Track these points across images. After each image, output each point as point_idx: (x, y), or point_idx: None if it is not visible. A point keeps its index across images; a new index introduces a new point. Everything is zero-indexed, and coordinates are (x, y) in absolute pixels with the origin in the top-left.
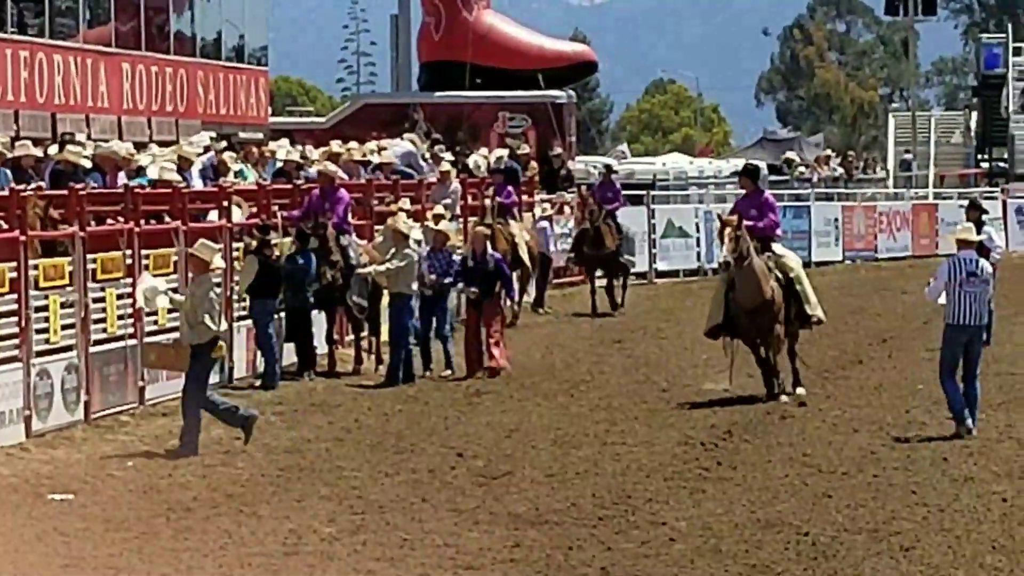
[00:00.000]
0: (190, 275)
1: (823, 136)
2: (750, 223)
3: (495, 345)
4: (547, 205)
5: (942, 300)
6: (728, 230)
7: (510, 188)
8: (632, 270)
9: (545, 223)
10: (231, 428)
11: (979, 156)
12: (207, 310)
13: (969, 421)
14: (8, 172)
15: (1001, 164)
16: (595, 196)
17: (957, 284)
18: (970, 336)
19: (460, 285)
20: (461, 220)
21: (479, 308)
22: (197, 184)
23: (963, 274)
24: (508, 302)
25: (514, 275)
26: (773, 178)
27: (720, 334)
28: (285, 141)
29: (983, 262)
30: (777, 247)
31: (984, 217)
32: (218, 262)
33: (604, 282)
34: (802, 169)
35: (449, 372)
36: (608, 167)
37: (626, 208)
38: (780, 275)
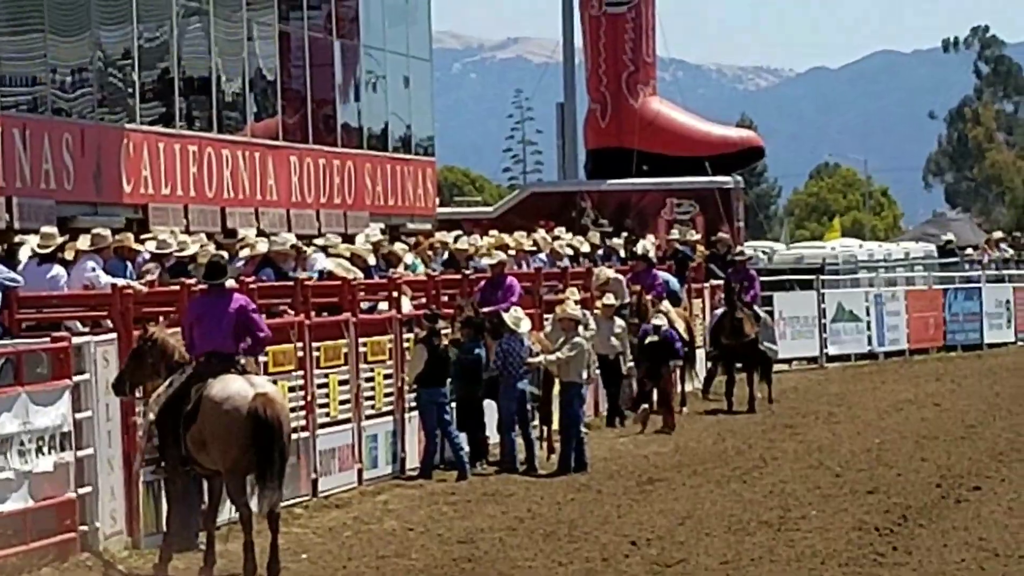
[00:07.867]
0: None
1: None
2: None
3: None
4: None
5: None
6: None
7: (655, 273)
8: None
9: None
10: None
11: None
12: None
13: None
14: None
15: None
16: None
17: None
18: None
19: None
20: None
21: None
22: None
23: None
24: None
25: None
26: (944, 260)
27: None
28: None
29: None
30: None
31: None
32: None
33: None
34: (971, 251)
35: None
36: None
37: (795, 293)
38: None
